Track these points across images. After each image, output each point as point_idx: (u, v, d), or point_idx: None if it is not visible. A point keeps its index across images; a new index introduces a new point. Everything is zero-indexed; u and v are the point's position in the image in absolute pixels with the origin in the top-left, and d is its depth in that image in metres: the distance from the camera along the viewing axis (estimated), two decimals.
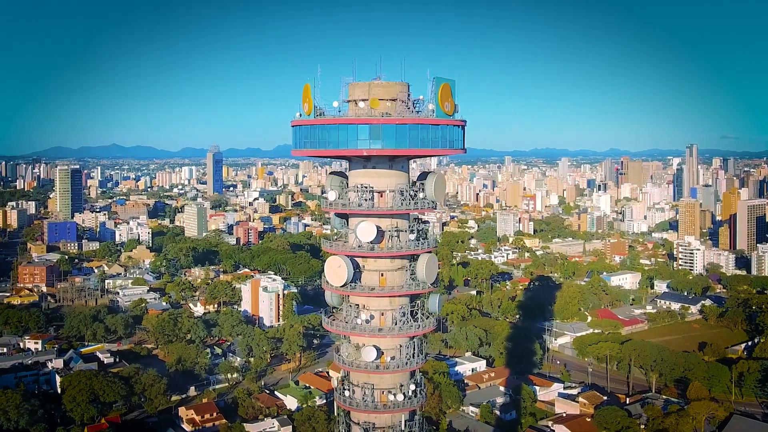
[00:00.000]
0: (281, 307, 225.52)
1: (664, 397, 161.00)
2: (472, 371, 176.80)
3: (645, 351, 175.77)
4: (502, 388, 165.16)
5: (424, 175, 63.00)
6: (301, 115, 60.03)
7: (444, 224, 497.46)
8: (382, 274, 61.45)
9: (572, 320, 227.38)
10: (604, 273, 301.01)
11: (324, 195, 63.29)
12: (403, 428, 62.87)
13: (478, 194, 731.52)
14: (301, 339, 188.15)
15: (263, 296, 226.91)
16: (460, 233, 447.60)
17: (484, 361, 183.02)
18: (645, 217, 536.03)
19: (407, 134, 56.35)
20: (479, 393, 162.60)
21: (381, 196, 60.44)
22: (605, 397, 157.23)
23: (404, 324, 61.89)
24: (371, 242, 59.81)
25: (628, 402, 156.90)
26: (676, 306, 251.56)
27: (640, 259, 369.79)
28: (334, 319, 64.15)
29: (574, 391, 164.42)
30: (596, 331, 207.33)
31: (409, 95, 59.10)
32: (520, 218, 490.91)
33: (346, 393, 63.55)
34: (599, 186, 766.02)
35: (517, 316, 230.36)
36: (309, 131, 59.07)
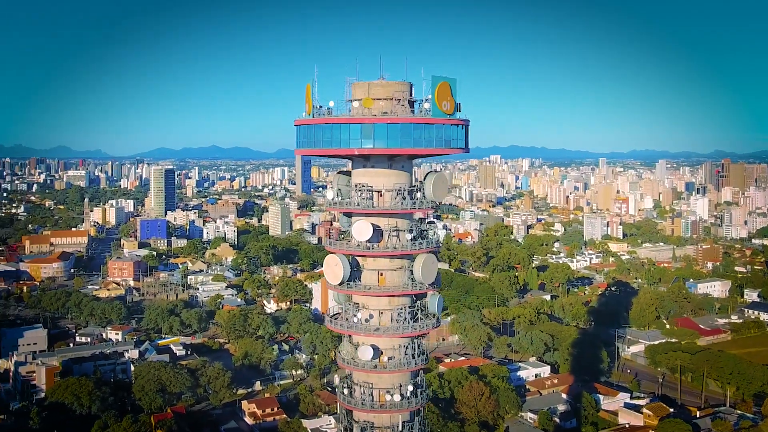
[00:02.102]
0: None
1: (738, 411, 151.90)
2: (535, 377, 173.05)
3: (720, 362, 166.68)
4: (564, 396, 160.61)
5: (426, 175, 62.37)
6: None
7: (529, 227, 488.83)
8: (381, 274, 61.38)
9: (649, 328, 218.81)
10: (691, 280, 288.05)
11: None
12: (401, 429, 62.45)
13: (568, 197, 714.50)
14: None
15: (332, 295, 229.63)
16: (544, 236, 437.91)
17: (548, 367, 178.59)
18: (745, 223, 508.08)
19: (399, 133, 56.00)
20: (540, 399, 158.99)
21: (380, 195, 60.33)
22: (672, 410, 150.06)
23: (402, 324, 61.48)
24: (369, 241, 59.81)
25: (698, 416, 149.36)
26: (765, 316, 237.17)
27: (735, 266, 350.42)
28: (336, 318, 64.55)
29: (642, 402, 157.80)
30: (671, 340, 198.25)
31: (407, 94, 58.66)
32: (608, 222, 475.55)
33: (346, 391, 63.81)
34: (698, 189, 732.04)
35: (591, 322, 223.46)
36: (307, 131, 59.73)
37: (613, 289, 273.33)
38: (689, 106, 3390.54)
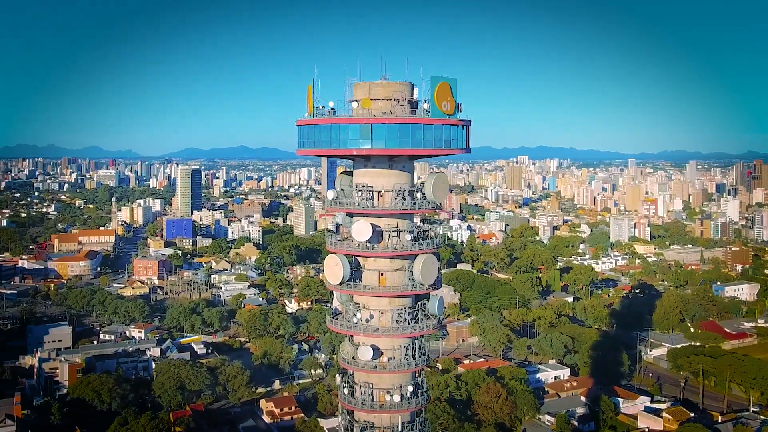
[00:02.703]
0: None
1: (762, 417, 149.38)
2: (554, 379, 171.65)
3: (744, 366, 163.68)
4: (583, 399, 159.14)
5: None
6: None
7: (555, 228, 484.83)
8: (381, 274, 61.41)
9: (673, 331, 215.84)
10: (718, 282, 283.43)
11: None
12: (401, 430, 62.32)
13: (595, 198, 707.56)
14: None
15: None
16: (570, 238, 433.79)
17: (568, 370, 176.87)
18: None
19: (397, 134, 55.97)
20: (558, 402, 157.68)
21: (381, 195, 60.37)
22: (692, 414, 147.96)
23: (402, 324, 61.39)
24: (369, 241, 59.88)
25: (720, 420, 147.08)
26: None
27: (765, 269, 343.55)
28: (337, 318, 64.76)
29: (663, 406, 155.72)
30: (694, 343, 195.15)
31: (407, 95, 58.58)
32: (636, 223, 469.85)
33: (346, 391, 63.94)
34: (729, 191, 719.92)
35: (613, 325, 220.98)
36: (308, 131, 60.05)
37: (637, 291, 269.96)
38: (722, 106, 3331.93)
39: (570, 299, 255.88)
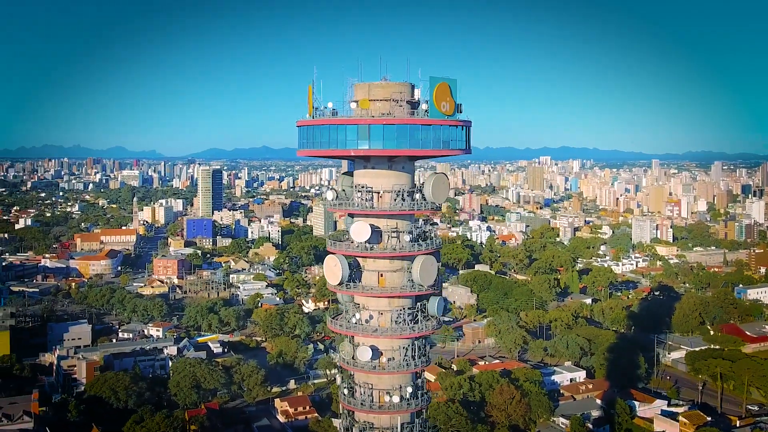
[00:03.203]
0: None
1: None
2: (570, 381, 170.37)
3: (762, 370, 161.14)
4: (598, 401, 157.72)
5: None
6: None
7: (576, 229, 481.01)
8: (381, 275, 61.35)
9: (693, 334, 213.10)
10: (740, 285, 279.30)
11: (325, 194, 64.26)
12: (400, 431, 62.21)
13: (618, 199, 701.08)
14: None
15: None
16: (590, 239, 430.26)
17: (584, 372, 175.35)
18: None
19: (395, 134, 55.93)
20: (573, 404, 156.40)
21: (380, 196, 60.32)
22: (709, 418, 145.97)
23: (401, 325, 61.28)
24: (368, 242, 59.87)
25: (738, 425, 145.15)
26: None
27: None
28: (337, 318, 64.84)
29: (680, 410, 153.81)
30: (713, 346, 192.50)
31: (406, 95, 58.48)
32: (658, 225, 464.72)
33: (346, 392, 63.97)
34: (754, 192, 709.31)
35: (631, 327, 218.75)
36: (307, 132, 60.28)
37: (657, 293, 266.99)
38: (748, 106, 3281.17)
39: (588, 301, 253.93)
